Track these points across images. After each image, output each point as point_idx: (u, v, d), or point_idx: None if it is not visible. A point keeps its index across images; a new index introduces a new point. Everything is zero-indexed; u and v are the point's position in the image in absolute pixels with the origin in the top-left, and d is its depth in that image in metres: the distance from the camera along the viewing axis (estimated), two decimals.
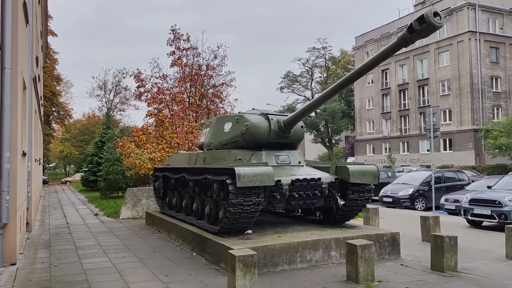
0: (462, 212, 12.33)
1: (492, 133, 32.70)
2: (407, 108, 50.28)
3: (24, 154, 9.60)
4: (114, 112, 58.92)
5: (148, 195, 14.72)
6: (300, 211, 10.25)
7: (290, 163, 8.82)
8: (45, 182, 42.08)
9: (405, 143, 50.58)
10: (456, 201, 14.77)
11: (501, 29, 44.63)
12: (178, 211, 11.09)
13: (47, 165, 79.07)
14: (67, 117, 51.23)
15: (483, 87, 43.27)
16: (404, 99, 50.92)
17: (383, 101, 53.94)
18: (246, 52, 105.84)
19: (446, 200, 15.25)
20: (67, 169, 75.86)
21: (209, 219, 8.85)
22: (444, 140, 45.29)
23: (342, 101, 63.88)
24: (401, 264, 7.48)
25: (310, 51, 63.58)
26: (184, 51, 17.82)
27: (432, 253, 7.12)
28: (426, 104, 47.46)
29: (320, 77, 66.49)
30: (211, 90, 18.90)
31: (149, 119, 17.66)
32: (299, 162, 9.02)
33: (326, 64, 65.30)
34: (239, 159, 8.78)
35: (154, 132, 16.82)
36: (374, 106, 55.08)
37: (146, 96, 17.52)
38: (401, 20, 52.15)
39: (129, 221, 13.58)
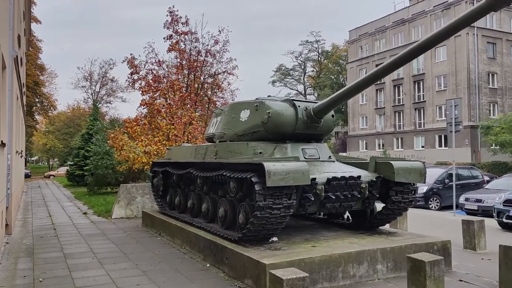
0: (495, 214, 11.23)
1: (493, 129, 31.89)
2: (401, 103, 49.41)
3: (3, 144, 8.14)
4: (101, 104, 56.87)
5: (143, 192, 13.32)
6: (322, 213, 8.98)
7: (319, 158, 7.54)
8: (27, 176, 40.16)
9: (399, 139, 49.75)
10: (478, 200, 13.70)
11: None
12: (182, 212, 9.74)
13: (29, 158, 76.59)
14: (51, 108, 49.10)
15: (480, 83, 42.55)
16: (399, 95, 50.02)
17: (377, 96, 52.98)
18: (236, 45, 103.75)
19: (467, 199, 14.14)
20: (51, 162, 73.51)
21: (224, 223, 7.52)
22: (440, 137, 44.57)
23: None
24: (460, 280, 6.27)
25: (303, 44, 62.44)
26: (183, 35, 16.36)
27: (500, 268, 5.89)
28: (422, 100, 46.77)
29: (313, 71, 65.30)
30: (210, 79, 17.46)
31: (143, 108, 16.21)
32: (329, 157, 7.75)
33: (319, 58, 64.12)
34: (260, 152, 7.47)
35: (149, 124, 15.33)
36: (368, 101, 54.09)
37: (140, 84, 16.05)
38: (396, 14, 51.22)
39: (123, 222, 12.17)
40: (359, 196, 6.87)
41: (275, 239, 6.83)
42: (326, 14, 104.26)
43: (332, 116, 7.98)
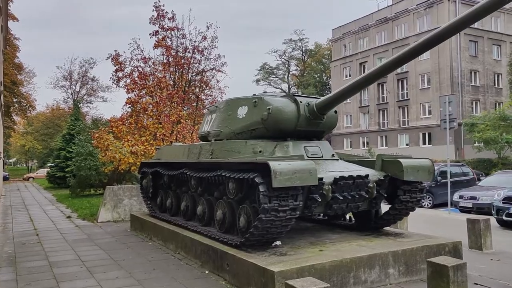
0: (494, 212, 11.05)
1: (477, 126, 32.12)
2: (385, 101, 49.55)
3: None
4: (81, 104, 55.53)
5: (130, 194, 12.75)
6: (323, 214, 8.61)
7: (322, 156, 7.16)
8: (5, 179, 38.92)
9: (384, 137, 49.89)
10: (473, 198, 13.55)
11: None
12: (174, 215, 9.25)
13: (6, 161, 74.56)
14: (30, 108, 47.74)
15: (463, 81, 42.93)
16: (383, 93, 50.16)
17: (361, 94, 52.94)
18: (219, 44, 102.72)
19: (461, 197, 13.98)
20: (29, 164, 71.69)
21: (222, 226, 7.08)
22: (424, 134, 44.89)
23: (317, 95, 62.88)
24: (475, 284, 5.95)
25: (286, 43, 62.19)
26: (169, 31, 15.79)
27: None
28: (405, 98, 46.99)
29: (297, 69, 65.16)
30: (198, 77, 16.91)
31: (129, 107, 15.60)
32: (333, 155, 7.39)
33: (303, 57, 63.97)
34: (259, 151, 7.04)
35: (135, 123, 14.73)
36: (352, 100, 53.95)
37: (125, 81, 15.43)
38: (379, 12, 51.38)
39: (110, 225, 11.60)
40: (366, 196, 6.51)
41: (278, 243, 6.42)
42: (310, 12, 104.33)
43: (335, 112, 7.60)
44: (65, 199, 19.18)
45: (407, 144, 46.65)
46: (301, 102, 7.12)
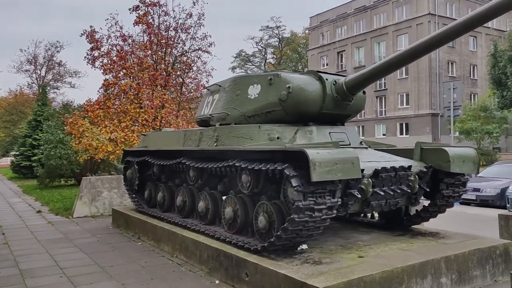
0: (509, 205, 10.40)
1: (458, 117, 32.02)
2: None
3: None
4: (47, 90, 52.66)
5: (110, 186, 11.42)
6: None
7: (350, 144, 6.13)
8: None
9: (361, 127, 49.53)
10: (476, 190, 12.92)
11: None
12: (166, 211, 8.06)
13: None
14: None
15: (440, 71, 42.97)
16: None
17: None
18: None
19: None
20: None
21: (232, 226, 5.97)
22: (401, 124, 44.86)
23: None
24: None
25: (263, 30, 60.94)
26: (151, 6, 14.34)
27: None
28: (383, 88, 46.71)
29: (273, 57, 64.07)
30: (184, 58, 15.51)
31: (105, 90, 14.11)
32: (361, 142, 6.39)
33: (280, 45, 62.88)
34: (277, 137, 5.92)
35: (114, 107, 13.30)
36: None
37: (102, 61, 13.93)
38: (358, 0, 50.76)
39: (88, 221, 10.26)
40: (409, 191, 5.54)
41: (304, 247, 5.39)
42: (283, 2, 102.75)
43: (364, 92, 6.57)
44: (33, 191, 17.54)
45: (384, 134, 46.54)
46: (326, 79, 6.04)
